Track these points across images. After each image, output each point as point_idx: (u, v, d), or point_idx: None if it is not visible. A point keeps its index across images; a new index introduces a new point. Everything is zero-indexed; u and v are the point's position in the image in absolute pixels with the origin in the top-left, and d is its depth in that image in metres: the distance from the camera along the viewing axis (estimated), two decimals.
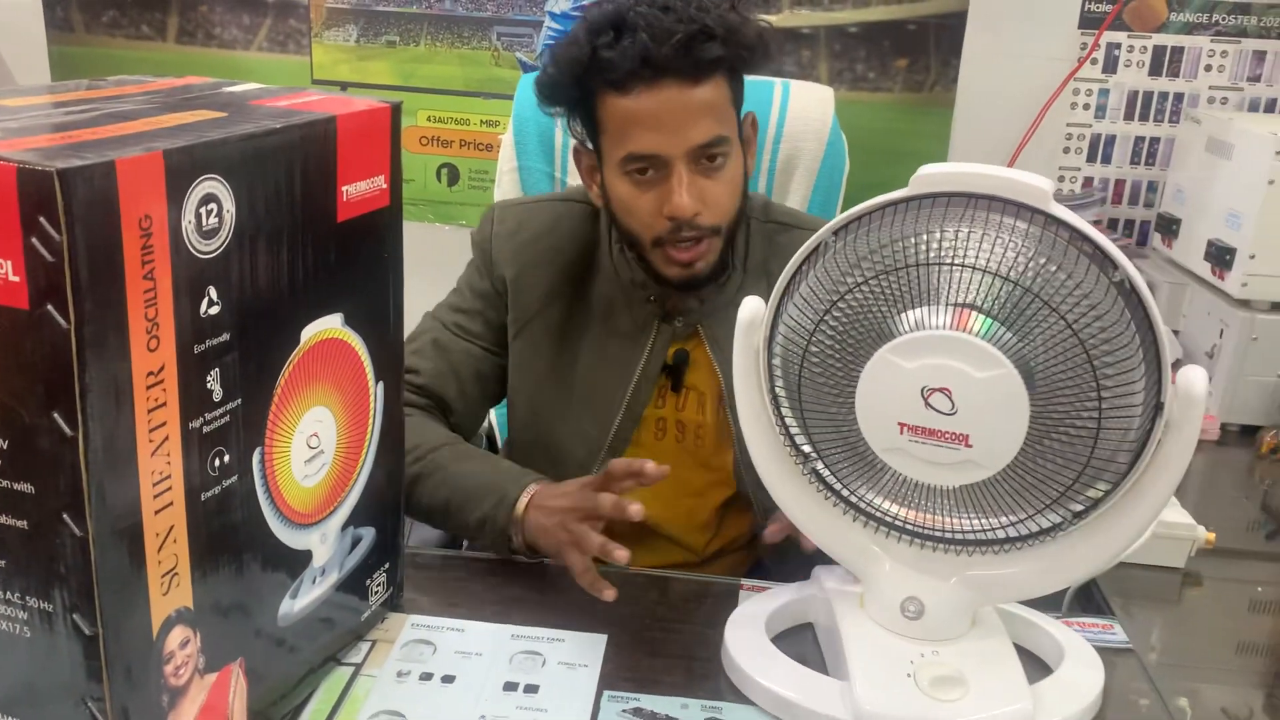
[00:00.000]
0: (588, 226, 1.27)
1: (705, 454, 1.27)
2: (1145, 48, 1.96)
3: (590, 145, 1.19)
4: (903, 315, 0.83)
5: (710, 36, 1.08)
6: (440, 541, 1.33)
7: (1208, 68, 1.95)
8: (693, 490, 1.29)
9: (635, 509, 0.98)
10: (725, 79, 1.12)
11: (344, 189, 0.83)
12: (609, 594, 1.00)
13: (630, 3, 1.10)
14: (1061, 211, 0.80)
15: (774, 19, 1.96)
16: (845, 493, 0.93)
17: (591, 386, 1.25)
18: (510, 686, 0.94)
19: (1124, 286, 0.79)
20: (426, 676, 0.94)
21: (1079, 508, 0.86)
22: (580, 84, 1.13)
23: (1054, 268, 0.79)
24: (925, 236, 0.82)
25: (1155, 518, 0.86)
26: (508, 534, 1.08)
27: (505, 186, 1.58)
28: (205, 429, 0.73)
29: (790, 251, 0.89)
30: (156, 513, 0.69)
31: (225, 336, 0.73)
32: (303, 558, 0.87)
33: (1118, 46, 1.96)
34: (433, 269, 1.41)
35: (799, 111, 1.55)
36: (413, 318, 1.26)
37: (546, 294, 1.25)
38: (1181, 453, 0.84)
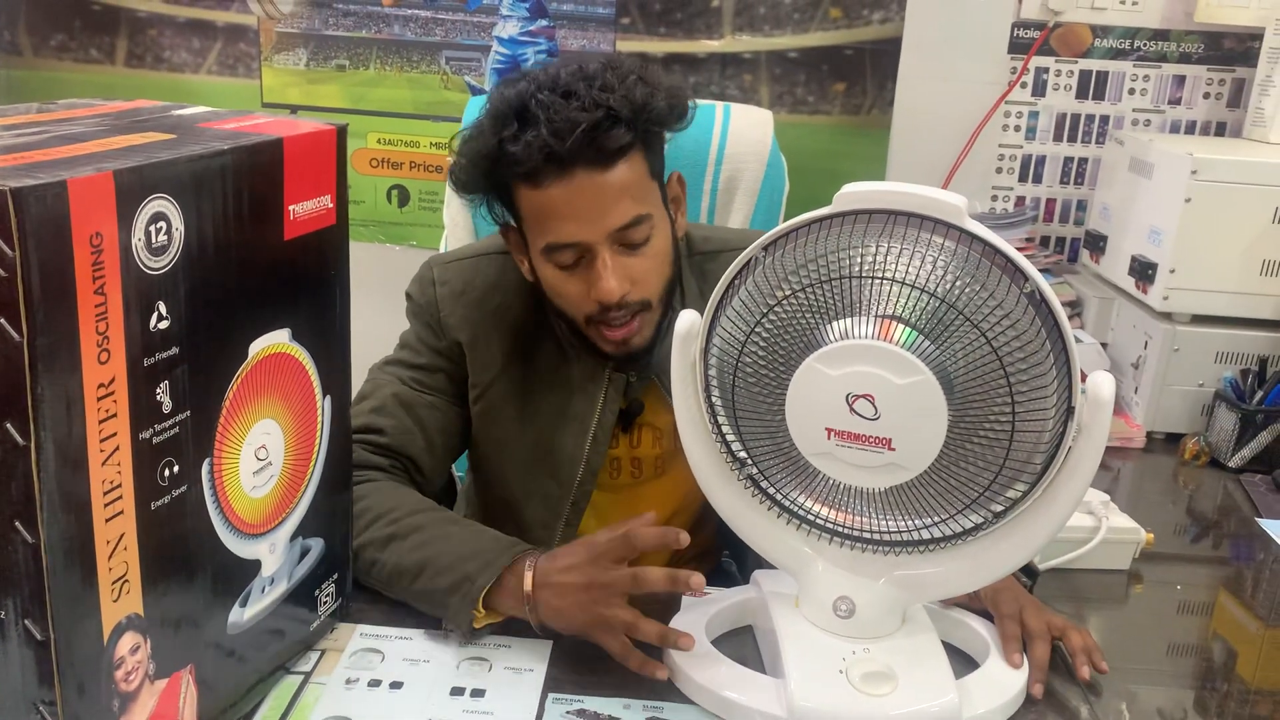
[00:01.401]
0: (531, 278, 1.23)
1: (671, 484, 1.28)
2: (1072, 72, 2.03)
3: (514, 224, 1.17)
4: (830, 325, 0.87)
5: (616, 121, 1.05)
6: None
7: (1131, 91, 2.04)
8: (653, 524, 1.31)
9: (698, 580, 0.95)
10: (640, 154, 1.10)
11: (290, 208, 0.86)
12: (661, 673, 0.96)
13: (532, 89, 1.07)
14: (975, 227, 0.85)
15: (716, 45, 2.01)
16: (779, 497, 0.96)
17: (551, 443, 1.23)
18: (457, 691, 0.96)
19: (1034, 297, 0.84)
20: (375, 683, 0.97)
21: (999, 508, 0.90)
22: (491, 176, 1.11)
23: (969, 279, 0.84)
24: (850, 251, 0.86)
25: (1070, 516, 0.90)
26: (476, 604, 0.99)
27: (454, 207, 1.61)
28: (155, 440, 0.75)
29: (721, 274, 0.93)
30: (107, 521, 0.72)
31: (174, 350, 0.75)
32: (252, 567, 0.89)
33: (1046, 71, 2.04)
34: (384, 289, 1.44)
35: (739, 134, 1.60)
36: (363, 336, 1.27)
37: (504, 355, 1.22)
38: (1092, 454, 0.88)
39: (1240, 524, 1.46)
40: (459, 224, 1.60)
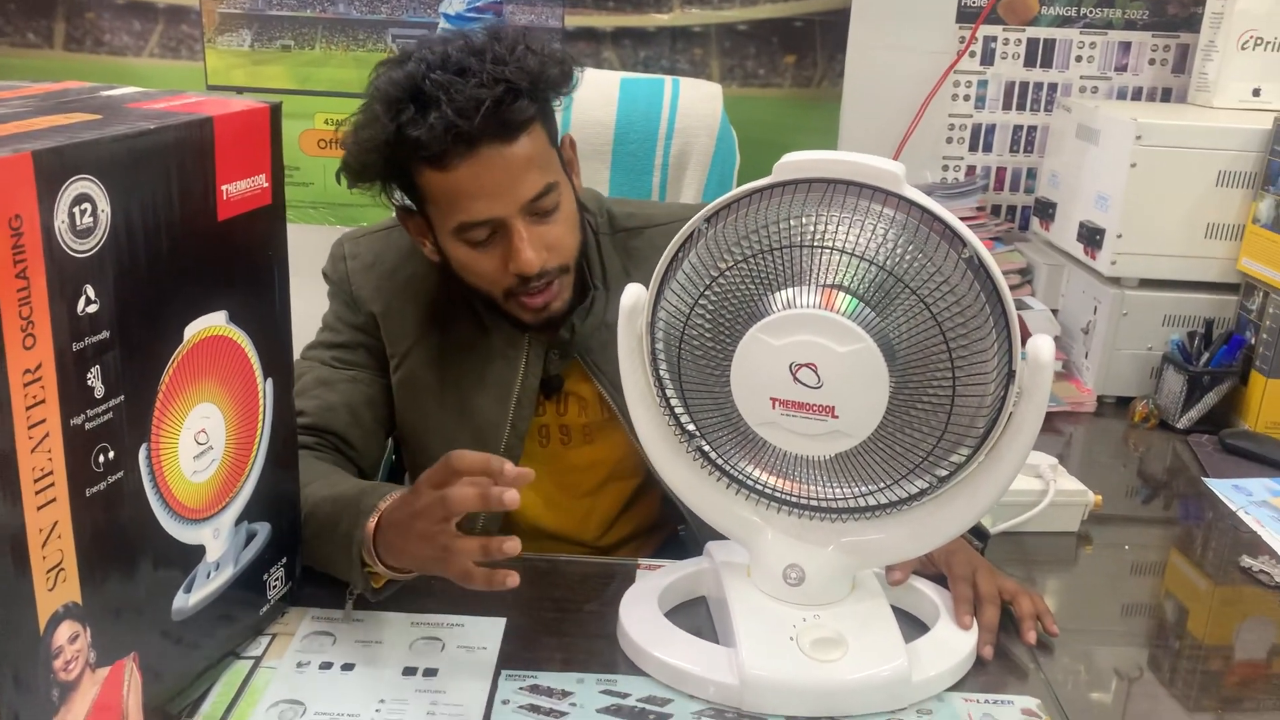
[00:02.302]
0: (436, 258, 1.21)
1: (604, 450, 1.28)
2: (1020, 40, 2.04)
3: (414, 209, 1.15)
4: (773, 296, 0.87)
5: (517, 94, 1.04)
6: None
7: (1078, 58, 2.05)
8: (584, 491, 1.30)
9: (511, 497, 0.88)
10: (539, 123, 1.10)
11: (224, 188, 0.85)
12: (512, 580, 0.90)
13: (422, 69, 1.05)
14: (913, 193, 0.85)
15: (665, 18, 2.00)
16: (727, 468, 0.97)
17: (475, 410, 1.23)
18: (410, 671, 0.96)
19: (973, 262, 0.84)
20: (326, 666, 0.96)
21: (943, 473, 0.91)
22: (391, 162, 1.08)
23: (908, 246, 0.84)
24: (792, 221, 0.86)
25: (1013, 479, 0.91)
26: (361, 561, 0.97)
27: None
28: (88, 425, 0.74)
29: (648, 252, 0.92)
30: (39, 509, 0.70)
31: (105, 334, 0.74)
32: (195, 553, 0.88)
33: (994, 39, 2.04)
34: None
35: (689, 108, 1.60)
36: (314, 319, 1.27)
37: (418, 324, 1.22)
38: (1034, 417, 0.89)
39: (1188, 484, 1.49)
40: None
